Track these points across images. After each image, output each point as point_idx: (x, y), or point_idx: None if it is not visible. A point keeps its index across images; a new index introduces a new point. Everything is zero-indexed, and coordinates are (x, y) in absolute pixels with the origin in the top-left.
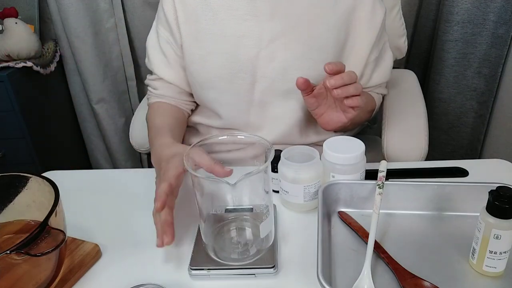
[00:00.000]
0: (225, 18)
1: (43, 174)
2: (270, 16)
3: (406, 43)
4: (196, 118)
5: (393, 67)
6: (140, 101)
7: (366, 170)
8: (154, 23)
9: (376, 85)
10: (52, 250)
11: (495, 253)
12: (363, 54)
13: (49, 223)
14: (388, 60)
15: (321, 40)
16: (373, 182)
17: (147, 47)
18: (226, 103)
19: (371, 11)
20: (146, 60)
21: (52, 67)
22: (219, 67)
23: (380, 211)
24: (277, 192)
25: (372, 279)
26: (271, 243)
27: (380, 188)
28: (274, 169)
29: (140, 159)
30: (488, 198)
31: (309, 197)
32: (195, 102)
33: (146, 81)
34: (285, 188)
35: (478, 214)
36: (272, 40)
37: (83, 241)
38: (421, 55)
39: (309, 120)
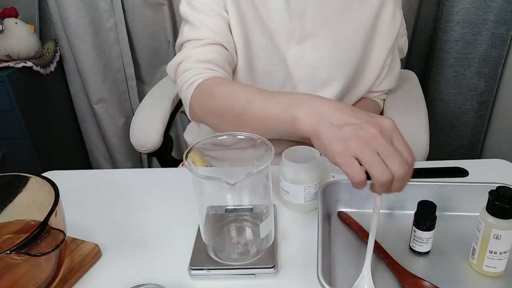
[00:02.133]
0: (260, 7)
1: (43, 174)
2: (301, 15)
3: (407, 43)
4: None
5: None
6: (140, 101)
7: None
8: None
9: (383, 90)
10: (52, 250)
11: (495, 253)
12: (381, 57)
13: (49, 223)
14: (397, 68)
15: (349, 41)
16: None
17: (187, 16)
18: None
19: (392, 15)
20: (186, 30)
21: (52, 67)
22: (260, 47)
23: (380, 211)
24: None
25: (372, 279)
26: (271, 243)
27: None
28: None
29: (140, 159)
30: (488, 198)
31: (310, 197)
32: None
33: (184, 55)
34: (285, 188)
35: (478, 214)
36: (301, 39)
37: (83, 241)
38: (421, 55)
39: None
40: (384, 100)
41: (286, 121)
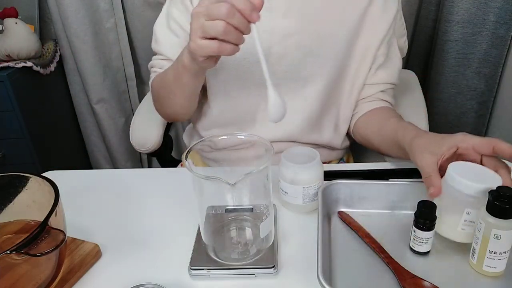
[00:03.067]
0: None
1: (43, 174)
2: (284, 13)
3: (407, 43)
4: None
5: None
6: (140, 101)
7: (366, 170)
8: (165, 7)
9: (380, 82)
10: (52, 250)
11: (495, 253)
12: (372, 48)
13: (49, 223)
14: (396, 61)
15: (333, 38)
16: (373, 182)
17: (156, 30)
18: (236, 96)
19: (382, 6)
20: (153, 44)
21: (52, 67)
22: (233, 57)
23: (380, 211)
24: None
25: (372, 279)
26: (271, 243)
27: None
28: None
29: (140, 159)
30: (488, 198)
31: (308, 198)
32: None
33: (152, 62)
34: (284, 188)
35: None
36: (284, 38)
37: (83, 241)
38: (421, 55)
39: (315, 119)
40: (389, 102)
41: (182, 71)
